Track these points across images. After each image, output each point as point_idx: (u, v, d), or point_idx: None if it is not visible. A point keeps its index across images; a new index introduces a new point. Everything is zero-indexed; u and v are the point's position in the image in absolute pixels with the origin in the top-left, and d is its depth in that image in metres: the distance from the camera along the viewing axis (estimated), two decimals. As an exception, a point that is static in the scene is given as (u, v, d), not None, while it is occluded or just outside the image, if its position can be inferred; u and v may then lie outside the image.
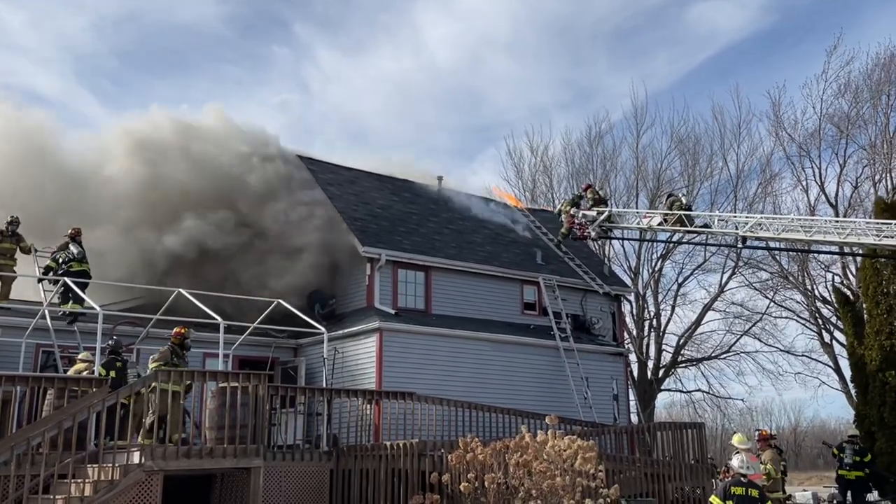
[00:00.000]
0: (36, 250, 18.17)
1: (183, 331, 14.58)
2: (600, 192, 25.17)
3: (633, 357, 34.43)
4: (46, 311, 16.22)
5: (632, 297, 35.86)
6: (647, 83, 71.46)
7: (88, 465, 11.57)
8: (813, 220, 20.89)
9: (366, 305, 20.17)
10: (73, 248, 17.39)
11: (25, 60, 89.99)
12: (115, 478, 11.25)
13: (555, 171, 41.73)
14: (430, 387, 17.52)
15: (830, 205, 34.35)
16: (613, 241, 34.53)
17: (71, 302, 16.85)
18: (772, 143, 36.50)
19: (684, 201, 22.68)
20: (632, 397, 25.74)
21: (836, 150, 34.34)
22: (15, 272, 17.72)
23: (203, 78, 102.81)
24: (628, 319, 35.08)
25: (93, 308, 15.13)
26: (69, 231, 17.94)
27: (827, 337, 34.93)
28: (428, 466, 13.46)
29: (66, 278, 16.45)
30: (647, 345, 37.15)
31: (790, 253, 31.99)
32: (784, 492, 17.81)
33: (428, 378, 18.35)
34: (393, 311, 19.70)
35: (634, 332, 36.12)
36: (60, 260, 17.28)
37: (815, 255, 32.30)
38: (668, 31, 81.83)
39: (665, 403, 54.22)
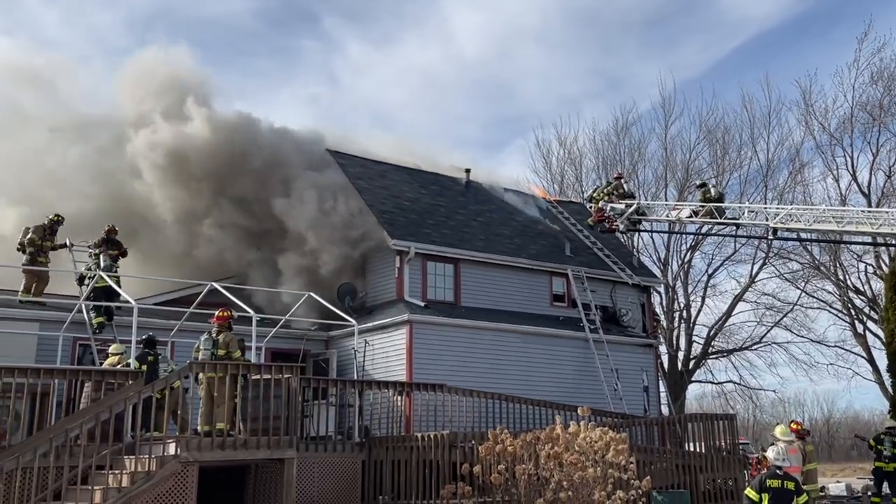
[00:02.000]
0: (72, 244, 18.48)
1: (229, 313, 14.09)
2: (625, 186, 25.03)
3: (663, 348, 34.25)
4: (83, 306, 16.49)
5: (661, 289, 35.61)
6: (676, 72, 71.27)
7: (125, 457, 11.76)
8: (845, 210, 20.62)
9: (395, 298, 20.25)
10: (102, 259, 17.51)
11: (59, 56, 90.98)
12: (152, 469, 11.45)
13: (583, 162, 41.56)
14: (459, 378, 17.57)
15: (863, 194, 33.89)
16: (642, 233, 34.29)
17: (95, 315, 16.94)
18: (802, 132, 36.07)
19: (714, 193, 22.46)
20: (662, 389, 25.62)
21: (869, 138, 33.86)
22: (48, 268, 18.03)
23: (233, 72, 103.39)
24: (658, 311, 34.86)
25: (128, 302, 15.35)
26: (106, 227, 18.27)
27: (860, 327, 34.54)
28: (459, 458, 13.53)
29: (102, 273, 16.61)
30: (678, 336, 36.95)
31: (822, 243, 31.58)
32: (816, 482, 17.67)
33: (458, 370, 18.42)
34: (422, 304, 19.77)
35: (664, 324, 35.89)
36: (92, 271, 17.46)
37: (847, 245, 31.90)
38: (699, 18, 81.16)
39: (696, 395, 53.97)
